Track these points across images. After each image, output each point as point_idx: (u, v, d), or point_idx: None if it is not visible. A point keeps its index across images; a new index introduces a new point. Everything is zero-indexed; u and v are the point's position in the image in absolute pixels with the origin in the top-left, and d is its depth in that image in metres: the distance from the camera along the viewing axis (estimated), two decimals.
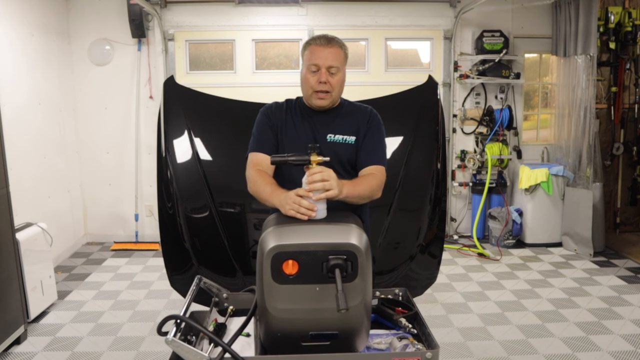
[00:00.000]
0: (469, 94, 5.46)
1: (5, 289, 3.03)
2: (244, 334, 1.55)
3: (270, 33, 5.30)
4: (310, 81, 1.87)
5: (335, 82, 1.87)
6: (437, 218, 2.64)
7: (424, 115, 2.67)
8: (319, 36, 1.89)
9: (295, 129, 1.94)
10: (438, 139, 2.62)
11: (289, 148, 1.88)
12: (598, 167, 5.00)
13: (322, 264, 1.30)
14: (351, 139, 1.92)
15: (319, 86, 1.85)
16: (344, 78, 1.93)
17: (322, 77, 1.84)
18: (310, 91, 1.88)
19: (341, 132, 1.92)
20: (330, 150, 1.87)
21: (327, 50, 1.85)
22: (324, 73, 1.84)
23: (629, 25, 5.07)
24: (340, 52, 1.89)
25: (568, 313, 3.63)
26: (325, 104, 1.90)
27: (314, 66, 1.85)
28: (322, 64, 1.84)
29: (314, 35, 1.85)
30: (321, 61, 1.84)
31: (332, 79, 1.86)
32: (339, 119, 1.95)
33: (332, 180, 1.55)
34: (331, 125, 1.93)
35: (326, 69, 1.84)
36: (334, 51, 1.86)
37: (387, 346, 1.48)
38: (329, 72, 1.85)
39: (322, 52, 1.84)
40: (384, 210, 2.59)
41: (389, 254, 2.63)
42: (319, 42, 1.86)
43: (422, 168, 2.65)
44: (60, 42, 5.02)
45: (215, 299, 1.76)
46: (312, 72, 1.86)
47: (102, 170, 5.39)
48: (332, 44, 1.87)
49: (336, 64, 1.86)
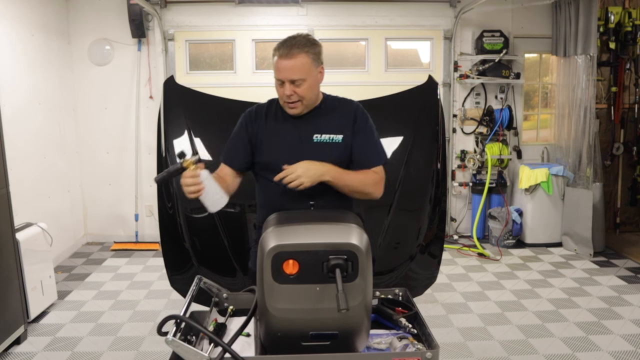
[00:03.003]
0: (469, 94, 5.46)
1: (5, 289, 3.03)
2: (244, 334, 1.55)
3: (270, 33, 5.29)
4: (278, 92, 1.85)
5: (302, 91, 1.81)
6: (437, 218, 2.64)
7: (424, 115, 2.67)
8: (283, 43, 1.81)
9: (277, 134, 1.91)
10: (438, 139, 2.62)
11: (273, 154, 1.88)
12: (598, 167, 5.00)
13: (323, 264, 1.30)
14: (338, 138, 1.88)
15: (287, 98, 1.82)
16: (314, 82, 1.84)
17: (287, 91, 1.80)
18: (282, 101, 1.87)
19: (327, 131, 1.89)
20: (319, 151, 1.85)
21: (290, 62, 1.77)
22: (288, 87, 1.79)
23: (629, 25, 5.07)
24: (306, 59, 1.79)
25: (568, 313, 3.63)
26: (298, 112, 1.86)
27: (278, 80, 1.81)
28: (284, 78, 1.78)
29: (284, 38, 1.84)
30: (283, 75, 1.78)
31: (299, 89, 1.80)
32: (323, 118, 1.91)
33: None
34: (316, 125, 1.90)
35: (289, 82, 1.78)
36: (297, 62, 1.77)
37: (387, 346, 1.48)
38: (293, 84, 1.79)
39: (285, 66, 1.77)
40: (384, 210, 2.59)
41: (389, 254, 2.63)
42: (281, 53, 1.78)
43: (422, 168, 2.64)
44: (60, 42, 5.02)
45: (215, 299, 1.76)
46: (279, 84, 1.83)
47: (102, 170, 5.39)
48: (295, 54, 1.77)
49: (300, 76, 1.78)
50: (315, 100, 1.90)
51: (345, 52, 5.67)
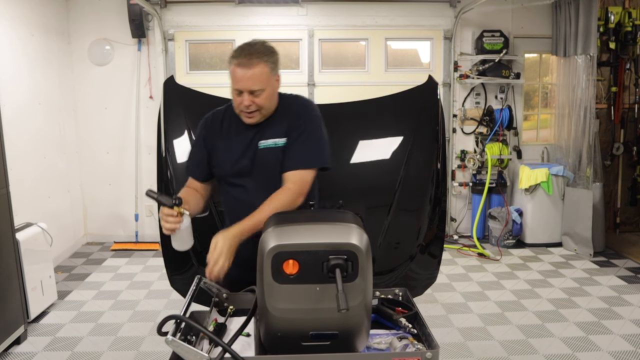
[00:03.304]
0: (469, 94, 5.46)
1: (5, 289, 3.03)
2: (244, 334, 1.55)
3: (270, 33, 5.29)
4: (236, 101, 1.80)
5: (261, 101, 1.77)
6: (437, 218, 2.64)
7: (424, 115, 2.66)
8: (241, 51, 1.75)
9: (229, 143, 1.89)
10: (438, 139, 2.61)
11: (223, 164, 1.89)
12: (598, 167, 5.00)
13: (323, 264, 1.30)
14: (282, 142, 1.83)
15: (245, 108, 1.77)
16: (272, 91, 1.81)
17: (245, 101, 1.75)
18: (238, 110, 1.82)
19: (273, 135, 1.83)
20: (262, 157, 1.83)
21: (249, 72, 1.72)
22: (247, 97, 1.75)
23: (629, 25, 5.07)
24: (264, 68, 1.74)
25: (568, 313, 3.63)
26: (255, 121, 1.82)
27: (236, 90, 1.76)
28: (243, 88, 1.74)
29: (241, 45, 1.78)
30: (242, 85, 1.73)
31: (258, 99, 1.76)
32: (273, 122, 1.86)
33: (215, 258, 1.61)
34: (265, 131, 1.85)
35: (248, 92, 1.74)
36: (256, 72, 1.72)
37: (387, 346, 1.48)
38: (252, 94, 1.75)
39: (243, 75, 1.72)
40: (384, 210, 2.58)
41: (389, 254, 2.62)
42: (239, 62, 1.72)
43: (422, 168, 2.64)
44: (60, 42, 5.02)
45: (215, 299, 1.76)
46: (236, 94, 1.77)
47: (102, 170, 5.39)
48: (253, 63, 1.72)
49: (258, 87, 1.74)
50: (271, 110, 1.85)
51: (345, 52, 5.67)
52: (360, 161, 2.59)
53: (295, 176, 1.78)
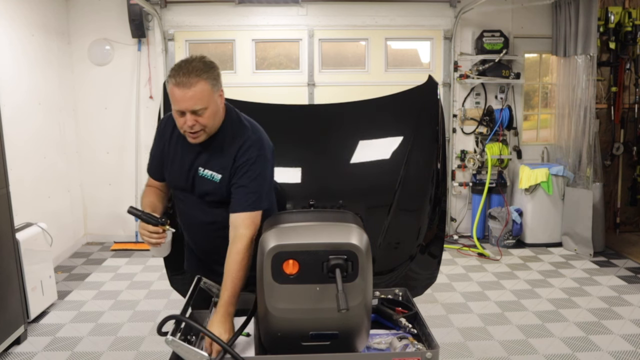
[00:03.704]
0: (469, 94, 5.46)
1: (5, 289, 3.03)
2: (244, 334, 1.55)
3: (270, 33, 5.30)
4: (178, 122, 1.72)
5: (205, 120, 1.70)
6: (437, 218, 2.63)
7: (424, 115, 2.66)
8: (178, 69, 1.66)
9: (176, 157, 1.87)
10: (438, 139, 2.61)
11: (172, 177, 1.91)
12: (598, 167, 5.00)
13: (323, 264, 1.30)
14: (217, 177, 1.78)
15: (189, 128, 1.70)
16: (216, 108, 1.73)
17: (189, 122, 1.68)
18: (182, 131, 1.75)
19: (210, 167, 1.80)
20: (202, 184, 1.82)
21: (189, 93, 1.64)
22: (189, 117, 1.68)
23: (629, 25, 5.07)
24: (205, 86, 1.66)
25: (568, 313, 3.63)
26: (200, 141, 1.76)
27: (177, 111, 1.69)
28: (185, 109, 1.66)
29: (178, 64, 1.70)
30: (183, 106, 1.66)
31: (201, 118, 1.69)
32: (213, 151, 1.81)
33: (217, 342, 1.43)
34: (204, 157, 1.81)
35: (190, 112, 1.67)
36: (198, 90, 1.65)
37: (387, 346, 1.48)
38: (195, 114, 1.68)
39: (183, 96, 1.64)
40: (384, 210, 2.58)
41: (389, 254, 2.62)
42: (178, 82, 1.64)
43: (422, 168, 2.64)
44: (60, 42, 5.02)
45: (215, 299, 1.76)
46: (178, 114, 1.70)
47: (102, 170, 5.39)
48: (192, 82, 1.64)
49: (200, 106, 1.66)
50: (217, 125, 1.79)
51: (345, 52, 5.67)
52: (360, 161, 2.59)
53: (247, 220, 1.69)
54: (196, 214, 1.89)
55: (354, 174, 2.58)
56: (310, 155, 2.57)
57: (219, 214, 1.82)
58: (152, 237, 1.74)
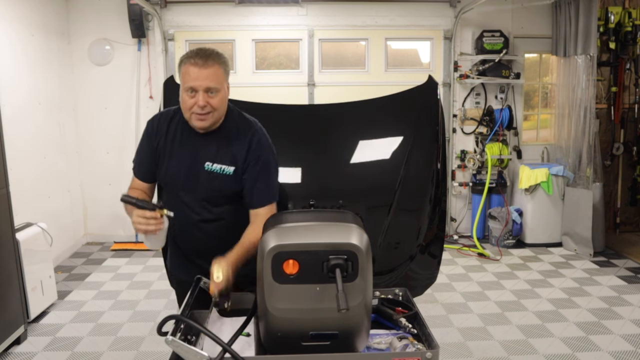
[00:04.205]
0: (469, 94, 5.46)
1: (5, 289, 3.03)
2: (244, 334, 1.55)
3: (270, 33, 5.30)
4: (187, 103, 1.72)
5: (216, 102, 1.72)
6: (437, 218, 2.63)
7: (424, 115, 2.66)
8: (196, 52, 1.72)
9: (174, 154, 1.84)
10: (438, 139, 2.61)
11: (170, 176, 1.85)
12: (598, 167, 5.00)
13: (323, 264, 1.30)
14: (229, 170, 1.78)
15: (198, 109, 1.71)
16: (225, 96, 1.77)
17: (200, 101, 1.69)
18: (189, 113, 1.74)
19: (219, 160, 1.78)
20: (209, 180, 1.79)
21: (205, 71, 1.68)
22: (202, 96, 1.69)
23: (629, 25, 5.07)
24: (220, 70, 1.72)
25: (568, 313, 3.63)
26: (207, 124, 1.76)
27: (190, 89, 1.70)
28: (199, 86, 1.69)
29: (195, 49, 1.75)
30: (198, 83, 1.68)
31: (213, 100, 1.71)
32: (220, 144, 1.80)
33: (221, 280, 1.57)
34: (211, 151, 1.80)
35: (204, 91, 1.69)
36: (213, 71, 1.70)
37: (387, 346, 1.48)
38: (208, 94, 1.70)
39: (199, 74, 1.68)
40: (384, 210, 2.58)
41: (389, 254, 2.62)
42: (195, 62, 1.69)
43: (422, 168, 2.64)
44: (60, 42, 5.02)
45: (215, 299, 1.76)
46: (189, 95, 1.71)
47: (102, 170, 5.39)
48: (209, 63, 1.69)
49: (215, 85, 1.70)
50: (220, 118, 1.81)
51: (345, 52, 5.68)
52: (360, 161, 2.59)
53: (269, 212, 1.73)
54: (195, 212, 1.84)
55: (354, 174, 2.58)
56: (310, 155, 2.57)
57: (222, 211, 1.82)
58: (150, 223, 1.63)
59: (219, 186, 1.80)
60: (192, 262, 1.96)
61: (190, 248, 1.96)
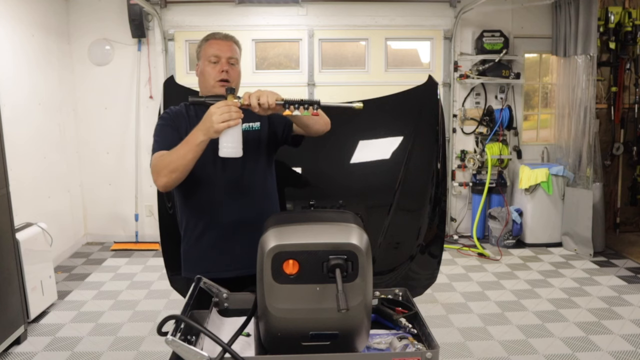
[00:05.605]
0: (469, 94, 5.46)
1: (5, 289, 3.03)
2: (244, 334, 1.55)
3: (270, 33, 5.30)
4: (210, 73, 1.90)
5: (234, 73, 1.91)
6: (437, 218, 2.64)
7: (424, 115, 2.66)
8: (217, 33, 1.98)
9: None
10: (438, 139, 2.61)
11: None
12: (598, 167, 5.00)
13: (323, 264, 1.30)
14: (256, 125, 1.93)
15: (220, 75, 1.88)
16: (240, 74, 1.97)
17: (224, 66, 1.88)
18: (213, 82, 1.90)
19: (244, 120, 1.77)
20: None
21: (227, 43, 1.93)
22: (225, 62, 1.89)
23: (629, 25, 5.07)
24: (237, 48, 1.96)
25: (568, 313, 3.63)
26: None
27: (214, 57, 1.90)
28: (223, 54, 1.90)
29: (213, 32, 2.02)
30: (222, 52, 1.90)
31: (232, 70, 1.90)
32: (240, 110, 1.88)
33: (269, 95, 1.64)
34: None
35: (226, 59, 1.90)
36: (233, 47, 1.94)
37: (387, 346, 1.48)
38: (229, 62, 1.90)
39: (222, 45, 1.92)
40: (384, 210, 2.58)
41: (389, 254, 2.62)
42: (218, 37, 1.95)
43: (422, 168, 2.64)
44: (60, 42, 5.02)
45: (215, 299, 1.76)
46: (212, 64, 1.91)
47: (102, 170, 5.39)
48: (230, 39, 1.95)
49: (235, 56, 1.93)
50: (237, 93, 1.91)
51: (345, 52, 5.68)
52: (360, 161, 2.59)
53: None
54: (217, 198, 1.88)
55: (354, 174, 2.58)
56: (310, 155, 2.57)
57: (258, 172, 1.91)
58: (233, 110, 1.59)
59: (250, 145, 1.84)
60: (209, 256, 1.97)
61: (236, 217, 1.92)
